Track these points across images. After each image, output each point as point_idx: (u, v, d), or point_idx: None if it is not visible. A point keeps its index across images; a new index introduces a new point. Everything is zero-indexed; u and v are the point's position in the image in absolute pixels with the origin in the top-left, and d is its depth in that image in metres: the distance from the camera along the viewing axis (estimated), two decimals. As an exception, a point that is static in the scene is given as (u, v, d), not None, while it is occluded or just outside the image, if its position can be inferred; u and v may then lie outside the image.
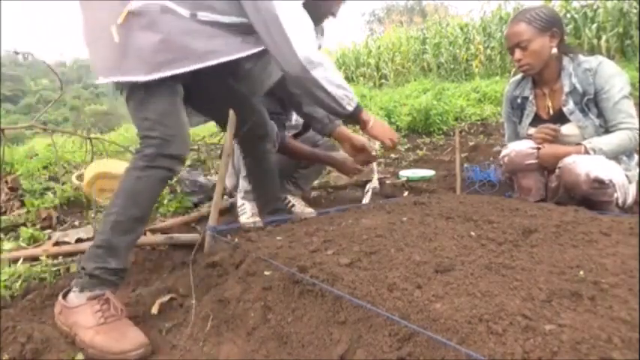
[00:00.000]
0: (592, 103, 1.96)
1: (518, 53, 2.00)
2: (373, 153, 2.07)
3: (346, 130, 2.12)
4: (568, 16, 9.17)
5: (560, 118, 2.06)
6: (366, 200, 2.51)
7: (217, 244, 1.68)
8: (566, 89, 2.01)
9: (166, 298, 1.49)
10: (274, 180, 2.09)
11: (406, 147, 4.50)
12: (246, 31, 1.55)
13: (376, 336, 0.97)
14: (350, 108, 1.66)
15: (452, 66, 11.74)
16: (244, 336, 1.20)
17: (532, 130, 2.14)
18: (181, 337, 1.31)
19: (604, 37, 8.40)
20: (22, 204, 2.77)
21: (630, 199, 1.97)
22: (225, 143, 1.78)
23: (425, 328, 0.90)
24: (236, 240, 1.65)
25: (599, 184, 1.80)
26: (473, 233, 1.38)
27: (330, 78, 1.59)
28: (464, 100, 6.31)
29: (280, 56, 1.54)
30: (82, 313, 1.33)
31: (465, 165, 3.22)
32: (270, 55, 1.59)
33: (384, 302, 1.00)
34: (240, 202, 2.37)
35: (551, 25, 1.97)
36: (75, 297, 1.37)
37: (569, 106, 2.01)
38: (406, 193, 2.76)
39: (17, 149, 5.02)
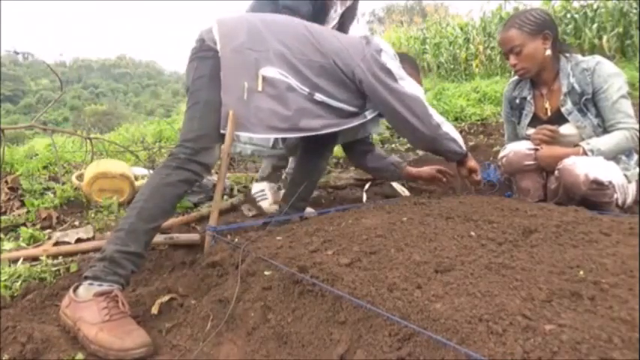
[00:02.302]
0: (590, 103, 1.96)
1: (512, 58, 2.04)
2: (444, 179, 2.28)
3: (411, 169, 2.36)
4: (568, 16, 9.16)
5: (559, 118, 2.06)
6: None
7: (217, 244, 1.68)
8: (565, 89, 2.01)
9: (166, 298, 1.49)
10: (315, 183, 2.25)
11: (406, 147, 4.50)
12: (349, 115, 1.89)
13: (376, 336, 0.97)
14: (465, 148, 2.02)
15: (452, 66, 11.74)
16: (244, 336, 1.20)
17: (531, 131, 2.14)
18: (181, 337, 1.31)
19: (604, 37, 8.39)
20: (22, 204, 2.77)
21: (630, 199, 1.97)
22: (225, 143, 1.78)
23: (425, 328, 0.90)
24: (236, 240, 1.65)
25: (598, 185, 1.80)
26: (473, 233, 1.38)
27: (451, 128, 1.95)
28: (464, 100, 6.30)
29: (420, 126, 1.87)
30: (88, 309, 1.34)
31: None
32: (399, 127, 1.99)
33: (384, 302, 1.00)
34: (259, 187, 2.43)
35: (542, 27, 1.98)
36: (84, 291, 1.39)
37: (568, 106, 2.01)
38: (406, 193, 2.75)
39: (17, 149, 5.02)
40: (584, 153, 1.89)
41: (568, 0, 9.26)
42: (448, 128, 1.95)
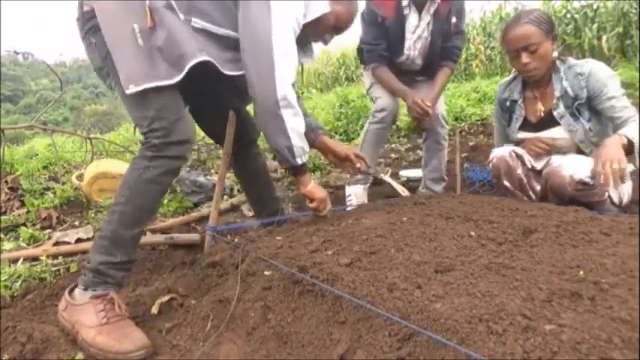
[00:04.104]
0: (584, 107, 1.94)
1: (525, 57, 1.92)
2: (357, 165, 1.92)
3: (328, 140, 1.96)
4: (568, 16, 9.15)
5: (549, 121, 2.04)
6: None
7: (217, 244, 1.68)
8: (557, 93, 1.98)
9: (166, 298, 1.49)
10: (269, 182, 2.07)
11: (406, 147, 4.50)
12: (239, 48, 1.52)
13: (376, 336, 0.97)
14: (300, 161, 1.61)
15: (452, 66, 11.72)
16: (244, 336, 1.20)
17: (522, 135, 2.13)
18: (181, 337, 1.31)
19: (604, 37, 8.39)
20: (22, 204, 2.77)
21: (626, 198, 1.95)
22: (225, 143, 1.78)
23: (425, 328, 0.90)
24: (236, 240, 1.65)
25: (584, 185, 1.78)
26: (473, 233, 1.38)
27: (295, 124, 1.56)
28: (464, 100, 6.30)
29: (259, 86, 1.49)
30: (85, 312, 1.33)
31: (465, 165, 3.22)
32: (246, 78, 1.53)
33: (384, 302, 1.00)
34: (347, 191, 2.47)
35: (553, 28, 1.94)
36: (80, 294, 1.37)
37: (560, 110, 1.99)
38: (406, 193, 2.76)
39: (17, 149, 5.02)
40: (629, 141, 1.70)
41: (568, 0, 9.26)
42: (293, 120, 1.54)
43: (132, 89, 1.39)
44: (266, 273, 1.31)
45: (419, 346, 0.89)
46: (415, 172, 3.21)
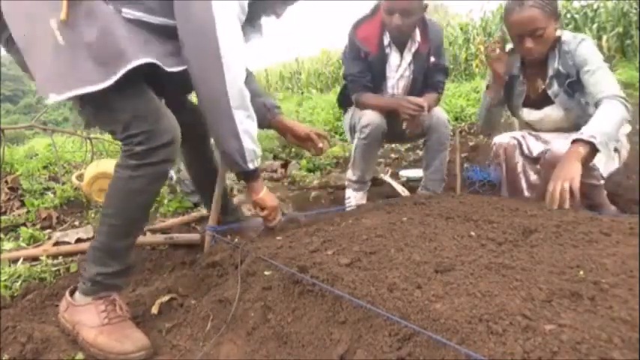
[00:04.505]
0: (576, 84, 1.91)
1: (530, 42, 1.86)
2: (320, 145, 1.82)
3: (286, 119, 1.83)
4: (568, 16, 9.15)
5: (547, 99, 2.03)
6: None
7: (217, 244, 1.68)
8: (550, 72, 1.97)
9: (166, 298, 1.49)
10: (225, 189, 1.93)
11: (406, 147, 4.50)
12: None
13: (376, 336, 0.97)
14: (251, 166, 1.48)
15: (452, 66, 11.73)
16: (244, 336, 1.20)
17: (525, 112, 2.11)
18: (181, 337, 1.31)
19: (604, 37, 8.39)
20: (22, 204, 2.77)
21: (612, 168, 1.90)
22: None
23: (425, 328, 0.90)
24: (236, 240, 1.65)
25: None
26: (473, 233, 1.38)
27: (248, 126, 1.42)
28: (464, 100, 6.30)
29: (206, 86, 1.34)
30: (87, 312, 1.33)
31: (465, 165, 3.22)
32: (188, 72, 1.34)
33: (384, 302, 1.00)
34: (347, 194, 2.46)
35: (556, 7, 1.87)
36: (81, 296, 1.36)
37: (554, 89, 1.98)
38: (406, 193, 2.76)
39: (17, 149, 5.03)
40: (590, 144, 1.58)
41: (568, 0, 9.26)
42: (246, 122, 1.41)
43: (53, 98, 1.19)
44: (266, 273, 1.31)
45: (419, 346, 0.89)
46: (415, 172, 3.21)
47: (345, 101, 2.59)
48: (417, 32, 2.33)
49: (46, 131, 3.80)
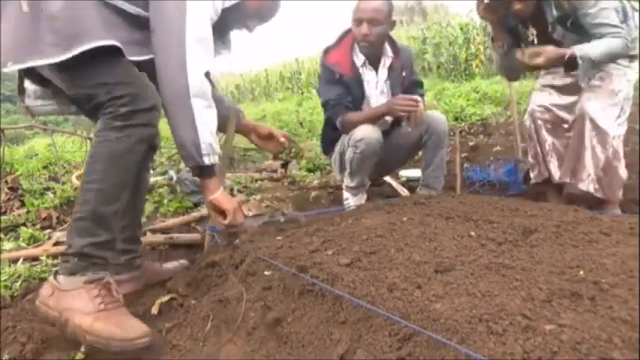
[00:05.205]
0: (577, 22, 1.93)
1: (519, 4, 1.97)
2: (282, 139, 1.82)
3: (250, 121, 1.84)
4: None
5: (556, 42, 2.04)
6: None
7: (217, 244, 1.68)
8: (550, 19, 1.99)
9: (166, 298, 1.49)
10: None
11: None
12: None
13: (376, 336, 0.97)
14: (207, 161, 1.41)
15: (452, 66, 11.73)
16: (244, 336, 1.20)
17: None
18: (181, 337, 1.31)
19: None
20: (22, 204, 2.77)
21: (622, 121, 1.97)
22: (226, 143, 1.78)
23: (425, 328, 0.90)
24: (236, 240, 1.65)
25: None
26: (473, 233, 1.38)
27: (206, 118, 1.38)
28: (464, 100, 6.30)
29: (167, 71, 1.34)
30: (78, 298, 1.21)
31: (465, 165, 3.22)
32: (155, 65, 1.36)
33: (384, 302, 1.00)
34: (345, 195, 2.45)
35: None
36: (68, 280, 1.24)
37: (559, 32, 2.01)
38: (406, 193, 2.76)
39: (17, 149, 5.03)
40: (573, 57, 1.85)
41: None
42: (205, 113, 1.38)
43: (10, 67, 1.20)
44: (266, 273, 1.31)
45: (419, 346, 0.89)
46: (415, 172, 3.21)
47: (328, 143, 2.55)
48: (388, 47, 2.39)
49: (46, 131, 3.80)
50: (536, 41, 2.12)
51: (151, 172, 3.56)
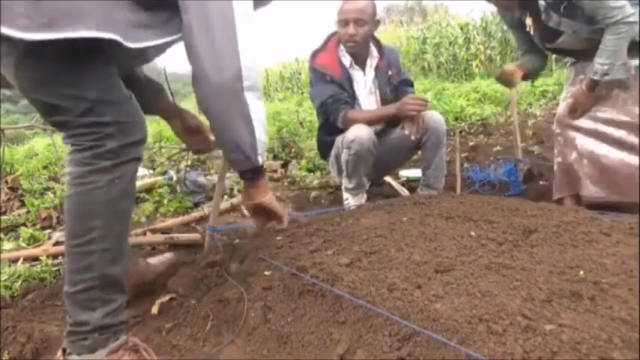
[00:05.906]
0: (573, 6, 1.89)
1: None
2: (212, 137, 1.53)
3: (174, 104, 1.55)
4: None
5: (554, 33, 2.03)
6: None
7: (217, 244, 1.68)
8: (542, 8, 1.97)
9: (166, 298, 1.49)
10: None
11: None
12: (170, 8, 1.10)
13: (376, 336, 0.97)
14: (261, 161, 1.24)
15: (452, 66, 11.73)
16: (244, 336, 1.20)
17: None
18: (181, 337, 1.31)
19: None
20: (22, 204, 2.77)
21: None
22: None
23: (425, 328, 0.90)
24: (236, 240, 1.65)
25: None
26: (473, 233, 1.38)
27: (259, 112, 1.18)
28: (464, 100, 6.29)
29: (214, 58, 1.09)
30: None
31: (465, 165, 3.22)
32: (188, 48, 1.12)
33: (384, 302, 1.00)
34: (344, 195, 2.45)
35: None
36: (87, 355, 1.07)
37: (554, 19, 1.97)
38: (406, 193, 2.76)
39: (17, 149, 5.03)
40: (593, 82, 1.90)
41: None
42: (257, 106, 1.17)
43: None
44: (266, 273, 1.31)
45: (419, 346, 0.89)
46: (415, 172, 3.21)
47: (325, 148, 2.53)
48: (373, 48, 2.43)
49: (46, 131, 3.80)
50: (532, 31, 2.13)
51: (151, 172, 3.56)
